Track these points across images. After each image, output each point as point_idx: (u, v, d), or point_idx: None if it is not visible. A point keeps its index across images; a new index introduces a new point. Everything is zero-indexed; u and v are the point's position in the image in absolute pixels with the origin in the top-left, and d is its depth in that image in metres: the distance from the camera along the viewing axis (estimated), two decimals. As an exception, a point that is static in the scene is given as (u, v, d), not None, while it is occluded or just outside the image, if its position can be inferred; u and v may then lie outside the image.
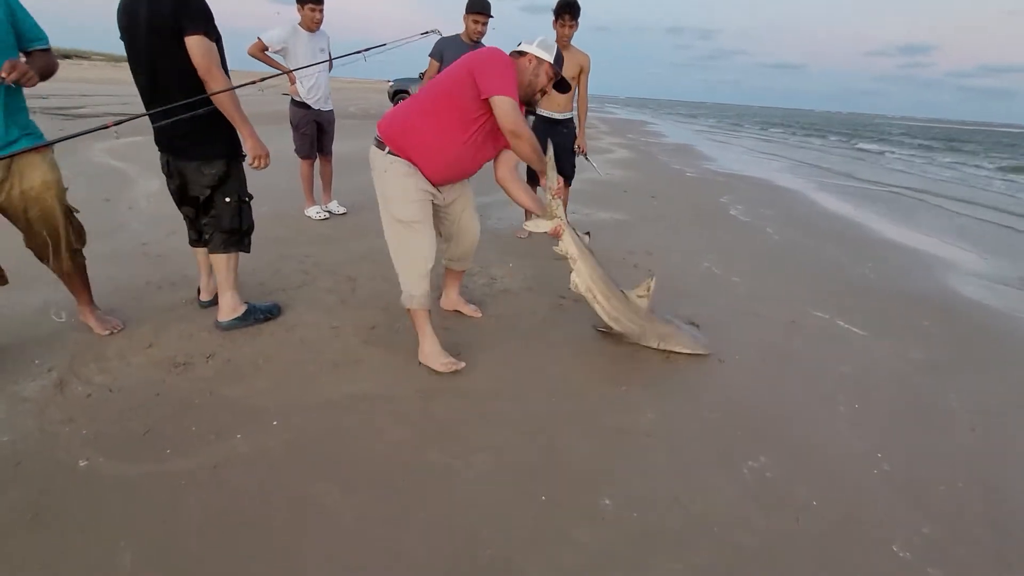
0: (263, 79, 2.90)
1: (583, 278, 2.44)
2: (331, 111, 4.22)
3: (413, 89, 13.19)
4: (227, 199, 2.24)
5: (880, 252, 4.73)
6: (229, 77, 2.08)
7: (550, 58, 2.12)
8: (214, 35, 1.99)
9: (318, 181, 4.38)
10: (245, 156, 2.24)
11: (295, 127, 4.09)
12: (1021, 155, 22.46)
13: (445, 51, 3.77)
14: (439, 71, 3.82)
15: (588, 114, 4.28)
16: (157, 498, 1.45)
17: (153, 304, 2.55)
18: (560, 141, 3.80)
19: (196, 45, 1.93)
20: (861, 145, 22.50)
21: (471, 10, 3.66)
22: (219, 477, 1.54)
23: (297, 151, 4.16)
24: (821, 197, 7.59)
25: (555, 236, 2.41)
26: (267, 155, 2.22)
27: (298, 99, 3.99)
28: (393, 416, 1.87)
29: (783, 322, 2.94)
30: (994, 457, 1.96)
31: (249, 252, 2.41)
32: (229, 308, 2.33)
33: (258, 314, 2.42)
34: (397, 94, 14.09)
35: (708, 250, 4.27)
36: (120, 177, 5.32)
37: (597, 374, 2.27)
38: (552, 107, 3.78)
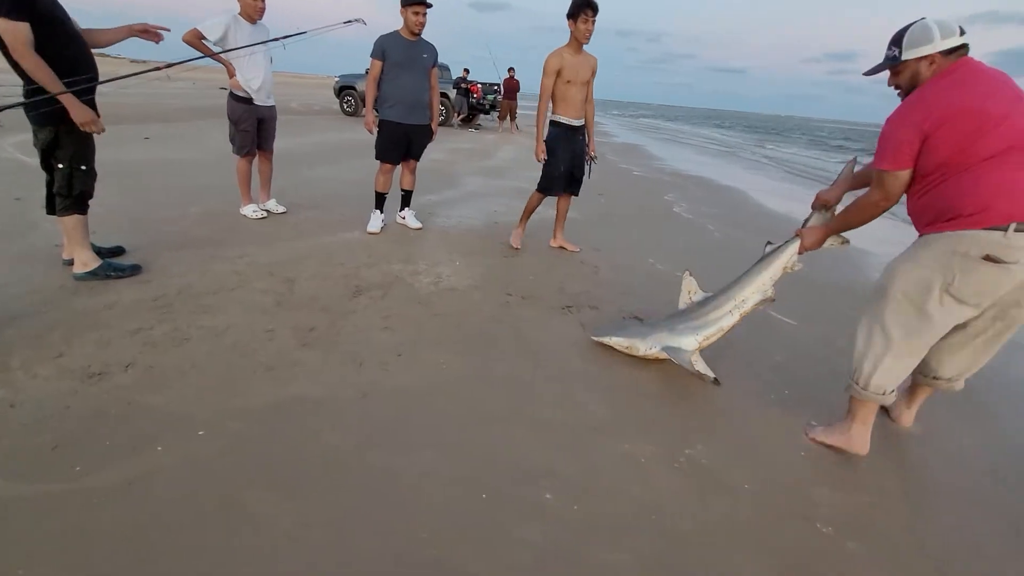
0: (168, 65, 2.76)
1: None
2: (273, 106, 4.01)
3: (360, 86, 12.88)
4: (60, 165, 2.49)
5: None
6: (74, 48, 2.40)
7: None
8: (23, 15, 2.18)
9: (256, 179, 4.17)
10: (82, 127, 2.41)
11: (235, 123, 3.84)
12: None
13: (387, 49, 3.67)
14: (382, 70, 3.72)
15: (535, 115, 4.23)
16: (65, 519, 1.33)
17: (67, 309, 2.35)
18: (578, 150, 3.71)
19: (1, 28, 2.17)
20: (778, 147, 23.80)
21: (408, 2, 3.57)
22: (137, 492, 1.43)
23: (235, 148, 3.91)
24: (760, 195, 7.97)
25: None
26: (94, 120, 2.43)
27: (240, 93, 3.76)
28: (331, 418, 1.81)
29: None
30: (912, 439, 2.11)
31: (85, 214, 2.63)
32: (80, 263, 2.63)
33: (110, 270, 2.67)
34: (343, 90, 13.72)
35: (653, 247, 4.39)
36: (33, 174, 4.89)
37: (543, 370, 2.28)
38: (572, 114, 3.58)
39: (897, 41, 1.73)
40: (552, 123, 3.64)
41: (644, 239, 4.67)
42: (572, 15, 3.36)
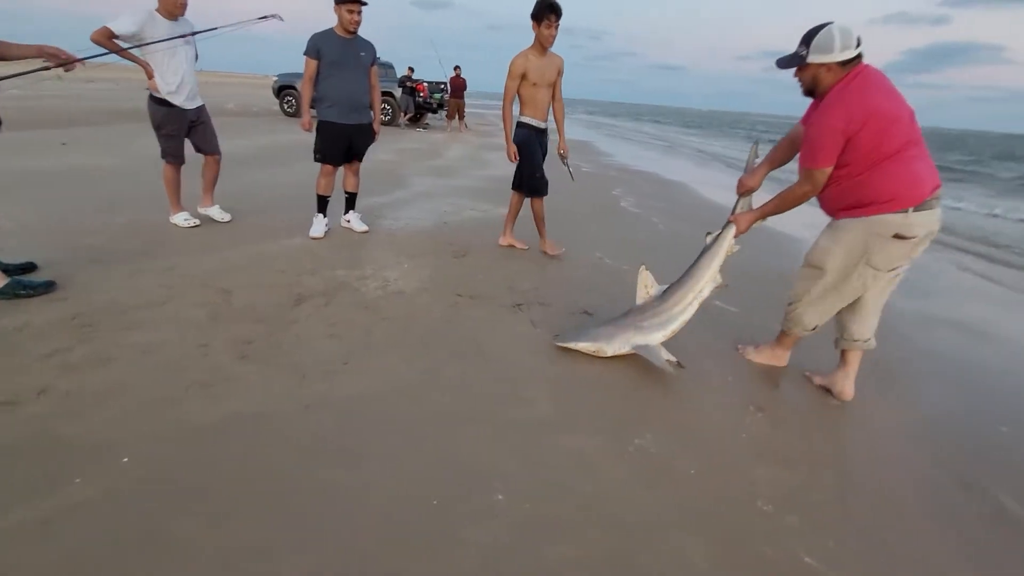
0: (59, 64, 2.48)
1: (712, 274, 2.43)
2: (201, 107, 3.76)
3: (299, 85, 12.44)
4: None
5: (753, 237, 5.23)
6: None
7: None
8: None
9: (190, 184, 3.90)
10: None
11: (156, 128, 3.59)
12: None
13: (322, 47, 3.55)
14: (319, 70, 3.59)
15: (489, 112, 4.21)
16: (-36, 568, 1.21)
17: (-33, 335, 2.14)
18: (544, 152, 3.70)
19: None
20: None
21: (342, 0, 3.46)
22: (54, 531, 1.31)
23: (163, 154, 3.64)
24: (701, 188, 8.27)
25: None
26: None
27: (158, 95, 3.52)
28: (271, 435, 1.73)
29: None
30: (843, 415, 2.24)
31: None
32: None
33: (19, 288, 2.46)
34: (282, 90, 13.21)
35: (601, 242, 4.47)
36: (-72, 186, 4.45)
37: (492, 370, 2.26)
38: (539, 115, 3.59)
39: (807, 41, 1.94)
40: (520, 124, 3.62)
41: (592, 234, 4.74)
42: (535, 18, 3.34)
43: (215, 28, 3.27)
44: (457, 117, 14.40)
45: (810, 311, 2.25)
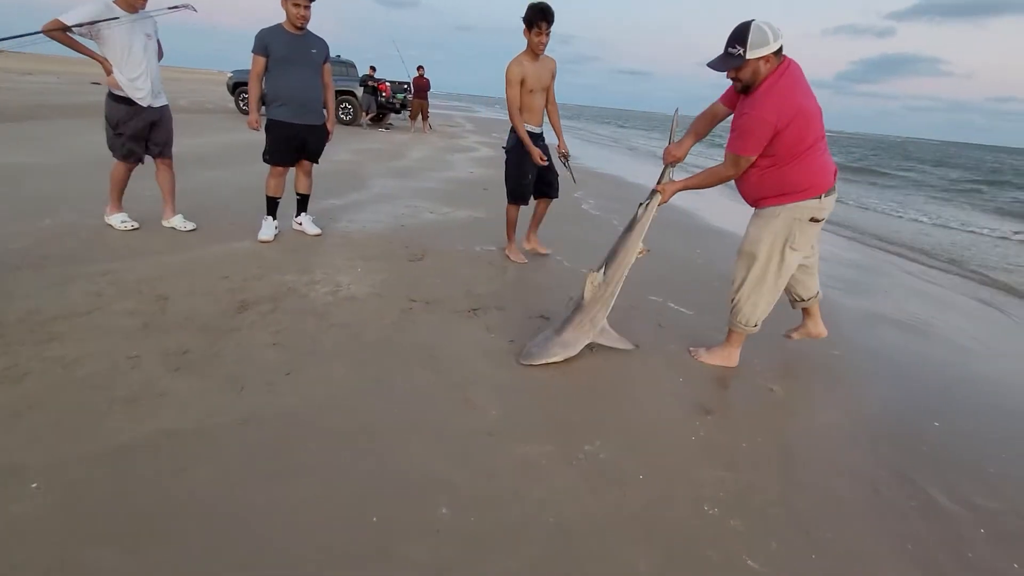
0: None
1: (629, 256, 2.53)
2: (165, 106, 3.54)
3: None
4: None
5: (706, 239, 5.36)
6: None
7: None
8: None
9: (136, 185, 3.67)
10: None
11: (113, 127, 3.34)
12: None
13: (270, 44, 3.42)
14: (268, 67, 3.45)
15: (456, 113, 4.12)
16: None
17: None
18: (544, 154, 3.60)
19: None
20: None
21: None
22: (-59, 568, 1.19)
23: (115, 152, 3.40)
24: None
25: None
26: None
27: (118, 92, 3.28)
28: (200, 453, 1.62)
29: (624, 307, 3.13)
30: (788, 415, 2.29)
31: None
32: None
33: None
34: (237, 87, 12.76)
35: (561, 244, 4.46)
36: None
37: (444, 378, 2.21)
38: (534, 121, 3.55)
39: (740, 40, 2.04)
40: (514, 130, 3.54)
41: (553, 236, 4.73)
42: (527, 24, 3.28)
43: (116, 17, 3.07)
44: (421, 118, 14.24)
45: (749, 303, 2.40)
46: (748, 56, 2.04)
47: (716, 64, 2.14)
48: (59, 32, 2.99)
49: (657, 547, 1.47)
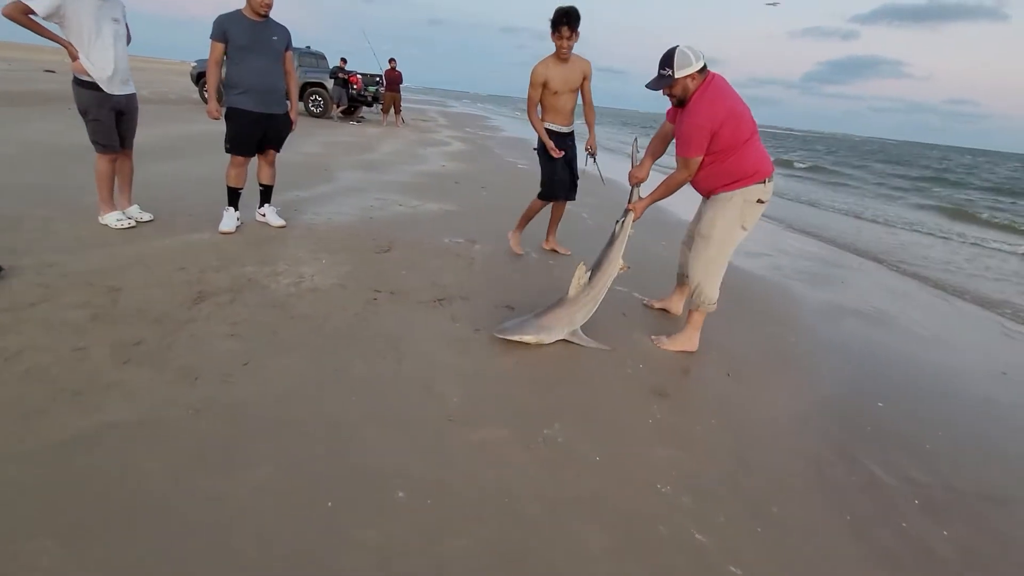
0: None
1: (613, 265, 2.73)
2: (133, 95, 3.41)
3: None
4: None
5: (673, 230, 5.45)
6: None
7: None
8: None
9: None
10: None
11: (84, 113, 3.21)
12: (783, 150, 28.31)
13: (229, 30, 3.33)
14: (225, 54, 3.37)
15: (430, 107, 4.06)
16: None
17: None
18: (570, 155, 3.62)
19: None
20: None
21: None
22: None
23: (94, 142, 3.27)
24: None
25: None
26: None
27: (85, 78, 3.13)
28: (150, 444, 1.59)
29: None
30: (742, 399, 2.36)
31: None
32: None
33: None
34: (201, 77, 12.36)
35: (530, 238, 4.47)
36: None
37: (405, 367, 2.21)
38: (561, 121, 3.58)
39: (668, 64, 2.37)
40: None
41: (528, 230, 4.75)
42: (552, 28, 3.28)
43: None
44: (393, 111, 14.06)
45: (709, 284, 2.63)
46: (676, 76, 2.37)
47: (652, 84, 2.46)
48: (21, 15, 2.85)
49: (609, 525, 1.50)
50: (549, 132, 3.60)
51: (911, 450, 2.08)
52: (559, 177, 3.67)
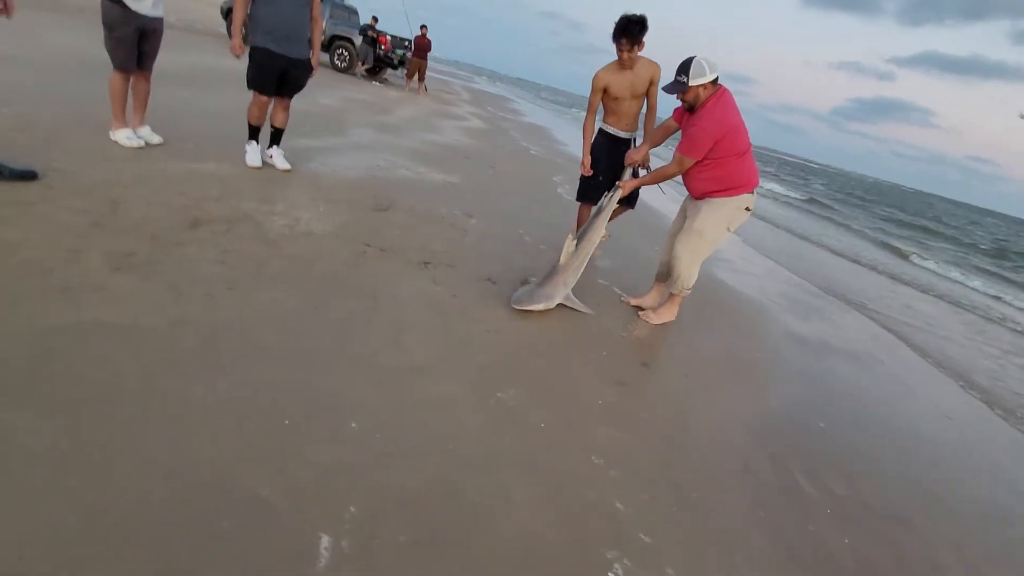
0: None
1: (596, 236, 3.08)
2: (160, 18, 3.43)
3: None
4: None
5: (658, 233, 5.54)
6: None
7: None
8: None
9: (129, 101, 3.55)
10: None
11: (109, 28, 3.23)
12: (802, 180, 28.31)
13: None
14: None
15: (455, 81, 4.04)
16: None
17: None
18: (620, 161, 3.41)
19: None
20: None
21: None
22: None
23: (112, 59, 3.30)
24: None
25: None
26: None
27: None
28: (128, 346, 1.70)
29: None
30: (694, 397, 2.49)
31: None
32: None
33: (5, 170, 2.46)
34: (230, 12, 12.24)
35: (527, 220, 4.58)
36: None
37: (380, 316, 2.32)
38: (620, 125, 3.48)
39: (684, 71, 2.61)
40: (599, 131, 3.55)
41: (521, 212, 4.84)
42: (613, 39, 3.18)
43: None
44: (417, 78, 14.00)
45: (688, 273, 2.94)
46: (690, 83, 2.62)
47: (668, 88, 2.73)
48: None
49: (539, 483, 1.63)
50: (605, 134, 3.54)
51: (838, 468, 2.21)
52: (598, 180, 3.54)
